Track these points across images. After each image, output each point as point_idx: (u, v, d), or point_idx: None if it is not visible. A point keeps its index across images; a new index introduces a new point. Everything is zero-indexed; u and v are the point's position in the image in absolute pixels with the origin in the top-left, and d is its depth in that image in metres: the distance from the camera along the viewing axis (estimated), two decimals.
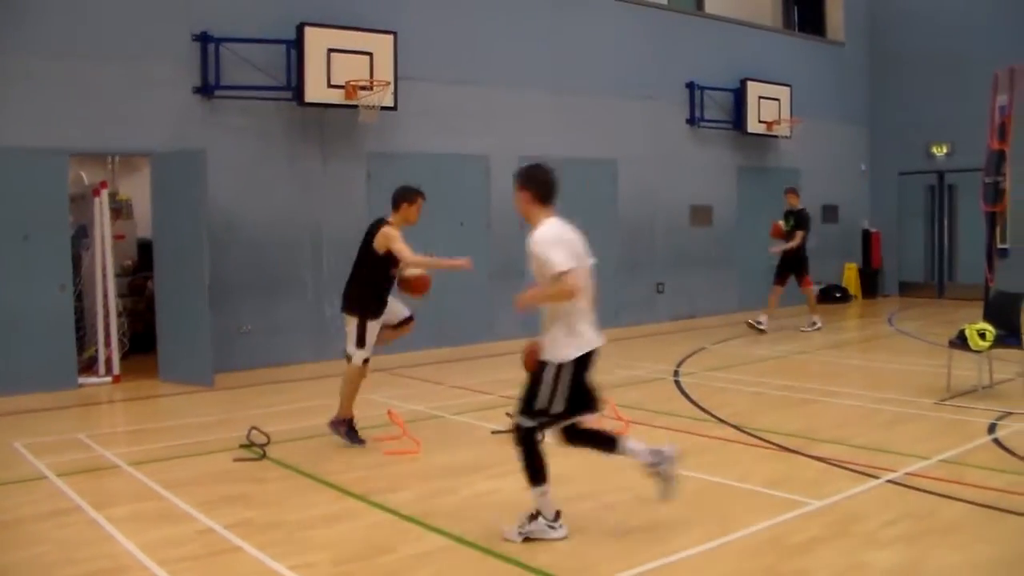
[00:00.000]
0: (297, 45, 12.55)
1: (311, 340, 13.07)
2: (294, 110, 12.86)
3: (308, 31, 12.49)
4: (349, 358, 8.21)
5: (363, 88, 12.79)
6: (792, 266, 15.64)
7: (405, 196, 8.18)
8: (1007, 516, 5.99)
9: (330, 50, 12.62)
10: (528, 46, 15.54)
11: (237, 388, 11.29)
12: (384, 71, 13.04)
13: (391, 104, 13.16)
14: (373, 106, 12.90)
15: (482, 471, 7.26)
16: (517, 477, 5.71)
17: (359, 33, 12.90)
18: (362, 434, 8.29)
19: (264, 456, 7.84)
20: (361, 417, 8.42)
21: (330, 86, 12.66)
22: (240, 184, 12.52)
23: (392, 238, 7.88)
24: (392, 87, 13.10)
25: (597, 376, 5.76)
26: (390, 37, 13.13)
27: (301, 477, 7.24)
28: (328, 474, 7.25)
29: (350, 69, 12.72)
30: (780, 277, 15.73)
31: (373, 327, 8.16)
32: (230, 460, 7.77)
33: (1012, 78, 12.35)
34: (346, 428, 8.25)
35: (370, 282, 8.12)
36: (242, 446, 8.15)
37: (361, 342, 8.11)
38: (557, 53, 15.92)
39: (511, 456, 5.74)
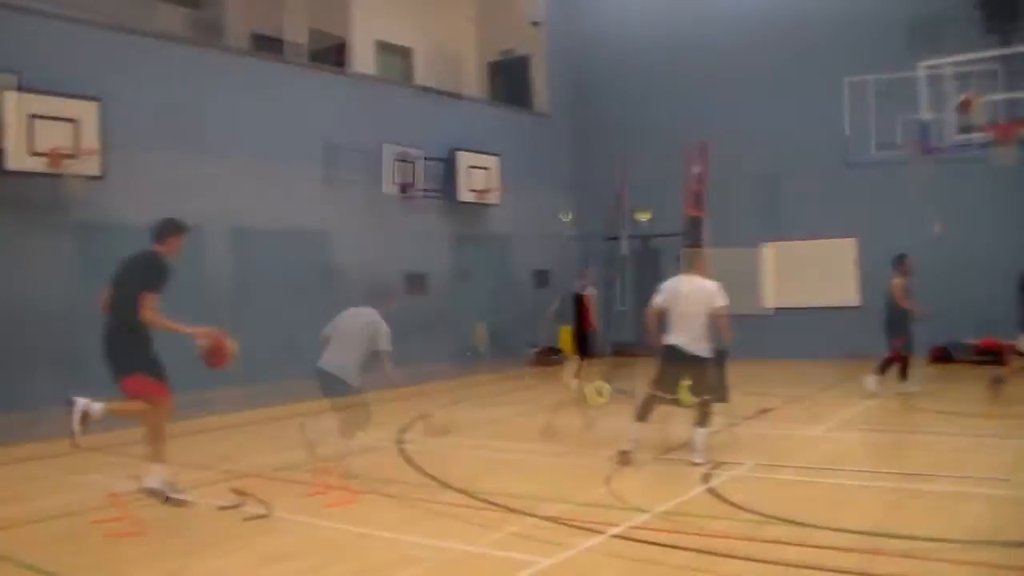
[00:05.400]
0: None
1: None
2: None
3: (5, 95, 11.88)
4: None
5: (68, 156, 12.24)
6: None
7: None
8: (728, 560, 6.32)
9: (32, 116, 12.04)
10: (241, 114, 15.28)
11: None
12: (90, 138, 12.54)
13: (98, 173, 12.67)
14: (79, 175, 12.35)
15: None
16: None
17: (62, 100, 12.33)
18: None
19: None
20: None
21: (33, 154, 12.05)
22: None
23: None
24: (99, 155, 12.61)
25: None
26: (95, 104, 12.67)
27: None
28: None
29: (54, 136, 12.17)
30: None
31: None
32: None
33: (703, 151, 13.31)
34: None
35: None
36: None
37: None
38: (271, 121, 15.77)
39: None
